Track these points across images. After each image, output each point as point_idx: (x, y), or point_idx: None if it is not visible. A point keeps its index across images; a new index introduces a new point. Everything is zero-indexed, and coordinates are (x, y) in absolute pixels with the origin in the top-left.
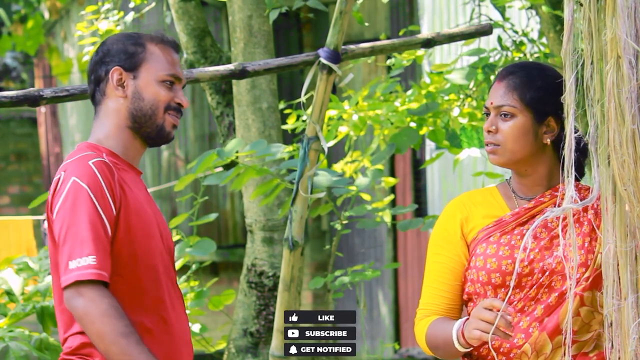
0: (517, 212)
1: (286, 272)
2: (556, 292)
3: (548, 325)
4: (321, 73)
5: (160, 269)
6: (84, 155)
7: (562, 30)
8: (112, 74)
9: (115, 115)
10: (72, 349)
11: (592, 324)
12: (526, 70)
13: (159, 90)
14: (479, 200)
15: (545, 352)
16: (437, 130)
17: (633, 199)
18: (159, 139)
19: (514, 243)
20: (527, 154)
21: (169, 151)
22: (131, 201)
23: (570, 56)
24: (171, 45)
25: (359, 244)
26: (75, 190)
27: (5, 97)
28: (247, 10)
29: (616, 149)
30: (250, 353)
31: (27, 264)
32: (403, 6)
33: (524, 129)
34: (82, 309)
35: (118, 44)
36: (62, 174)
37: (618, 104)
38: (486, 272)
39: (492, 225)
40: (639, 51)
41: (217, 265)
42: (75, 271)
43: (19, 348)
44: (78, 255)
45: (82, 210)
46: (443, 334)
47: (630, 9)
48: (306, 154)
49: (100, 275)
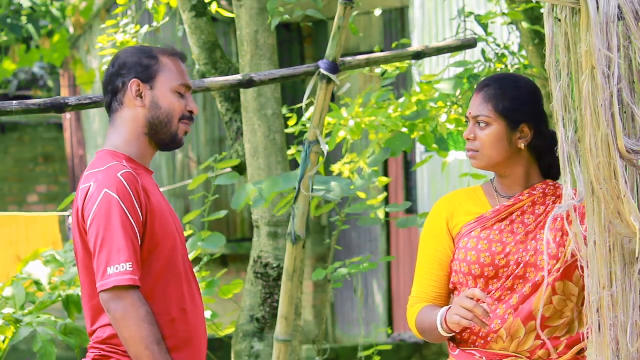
0: (498, 210)
1: (289, 263)
2: (530, 282)
3: (522, 312)
4: (321, 83)
5: (180, 264)
6: (112, 167)
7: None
8: (130, 85)
9: (133, 123)
10: (102, 339)
11: (564, 311)
12: (500, 82)
13: (173, 100)
14: (464, 198)
15: (519, 336)
16: (427, 135)
17: (608, 198)
18: (171, 145)
19: (492, 237)
20: (504, 158)
21: (183, 154)
22: (154, 205)
23: (554, 68)
24: (180, 56)
25: (356, 238)
26: (108, 202)
27: (34, 104)
28: (253, 26)
29: (592, 152)
30: (256, 337)
31: (53, 257)
32: (395, 22)
33: (499, 136)
34: (122, 312)
35: (133, 57)
36: (92, 184)
37: (594, 110)
38: (467, 264)
39: (474, 221)
40: (611, 62)
41: (227, 258)
42: (114, 276)
43: (46, 333)
44: (116, 262)
45: (116, 220)
46: (429, 319)
47: (602, 24)
48: (307, 156)
49: (135, 281)
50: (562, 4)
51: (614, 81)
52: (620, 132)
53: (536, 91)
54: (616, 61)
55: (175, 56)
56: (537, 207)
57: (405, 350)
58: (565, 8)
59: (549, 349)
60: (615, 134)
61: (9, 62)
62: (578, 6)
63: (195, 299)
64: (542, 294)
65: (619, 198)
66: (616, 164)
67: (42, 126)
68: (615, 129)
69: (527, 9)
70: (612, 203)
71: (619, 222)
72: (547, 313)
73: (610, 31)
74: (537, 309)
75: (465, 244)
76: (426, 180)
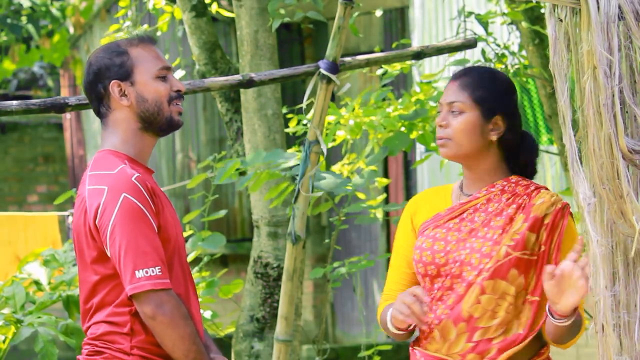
0: (452, 207)
1: (289, 263)
2: (465, 282)
3: (452, 313)
4: (321, 83)
5: (181, 265)
6: (123, 170)
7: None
8: (111, 88)
9: (126, 122)
10: (96, 335)
11: (497, 311)
12: (477, 71)
13: (157, 86)
14: (430, 196)
15: (450, 338)
16: (426, 134)
17: (611, 197)
18: (170, 129)
19: (439, 236)
20: (474, 149)
21: (183, 153)
22: (163, 208)
23: (559, 67)
24: (149, 41)
25: (356, 238)
26: (130, 206)
27: (34, 104)
28: (253, 26)
29: (595, 152)
30: (256, 337)
31: (53, 256)
32: (395, 22)
33: (472, 124)
34: (170, 314)
35: (105, 60)
36: (105, 187)
37: (596, 110)
38: (415, 262)
39: (429, 219)
40: (611, 62)
41: (227, 258)
42: (145, 280)
43: (47, 333)
44: (144, 266)
45: (140, 224)
46: (386, 316)
47: (603, 23)
48: (307, 156)
49: (169, 284)
50: (563, 4)
51: (615, 81)
52: (621, 131)
53: (512, 87)
54: (617, 61)
55: (144, 42)
56: (491, 205)
57: (405, 351)
58: (566, 8)
59: (480, 352)
60: (617, 134)
61: (8, 62)
62: (578, 6)
63: (192, 302)
64: (470, 294)
65: (621, 197)
66: (618, 164)
67: (42, 126)
68: (617, 129)
69: (527, 8)
70: (614, 203)
71: (622, 221)
72: (476, 313)
73: (611, 31)
74: (465, 310)
75: (420, 243)
76: (426, 180)
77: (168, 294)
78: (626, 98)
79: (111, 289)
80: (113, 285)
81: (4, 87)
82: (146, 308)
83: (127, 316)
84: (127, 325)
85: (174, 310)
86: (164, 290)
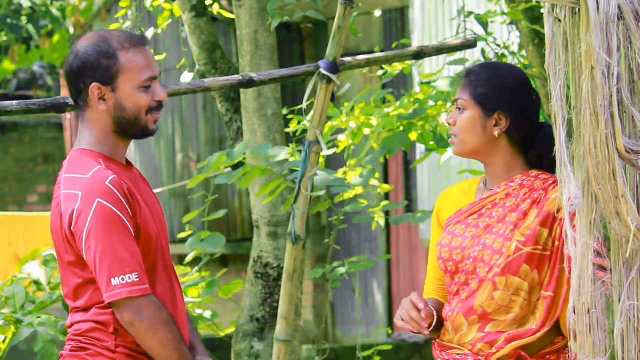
0: (473, 203)
1: (289, 263)
2: (478, 278)
3: (465, 307)
4: (321, 83)
5: (164, 263)
6: (97, 173)
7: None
8: (91, 90)
9: (100, 123)
10: (81, 332)
11: (511, 307)
12: (480, 68)
13: (138, 97)
14: (456, 192)
15: (461, 330)
16: (425, 133)
17: (607, 197)
18: (143, 136)
19: (458, 232)
20: (478, 145)
21: (183, 153)
22: (140, 207)
23: (554, 67)
24: (141, 43)
25: (356, 237)
26: (104, 212)
27: (34, 104)
28: (253, 26)
29: (591, 152)
30: (256, 337)
31: (53, 256)
32: (395, 22)
33: (473, 121)
34: (149, 320)
35: (91, 59)
36: (79, 193)
37: (593, 110)
38: (437, 259)
39: (453, 215)
40: (610, 63)
41: (227, 257)
42: (121, 287)
43: (46, 333)
44: (120, 273)
45: (115, 230)
46: None
47: (602, 24)
48: (307, 156)
49: (147, 289)
50: (562, 4)
51: (614, 81)
52: (619, 132)
53: (520, 81)
54: (616, 61)
55: (136, 46)
56: (509, 200)
57: (405, 350)
58: (565, 8)
59: (489, 342)
60: (614, 134)
61: (8, 62)
62: (578, 6)
63: (178, 301)
64: (483, 290)
65: (617, 198)
66: (615, 164)
67: (42, 126)
68: (614, 129)
69: (527, 8)
70: (610, 203)
71: (618, 222)
72: (489, 309)
73: (610, 31)
74: (478, 305)
75: (441, 239)
76: (426, 180)
77: (147, 300)
78: (624, 98)
79: (93, 291)
80: (94, 288)
81: (4, 87)
82: (124, 315)
83: (110, 316)
84: (111, 325)
85: (153, 317)
86: (143, 297)
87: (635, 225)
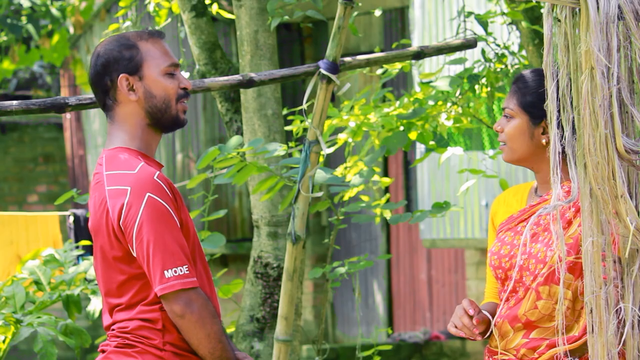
0: (524, 209)
1: (289, 263)
2: (524, 286)
3: (510, 314)
4: (321, 83)
5: (202, 260)
6: (144, 168)
7: (541, 44)
8: (120, 81)
9: (133, 117)
10: (128, 330)
11: (554, 315)
12: (528, 76)
13: (165, 83)
14: (510, 196)
15: (507, 336)
16: (425, 133)
17: (606, 197)
18: (174, 127)
19: (506, 239)
20: (527, 153)
21: (183, 153)
22: (182, 203)
23: (551, 67)
24: (158, 36)
25: (356, 237)
26: (155, 206)
27: (34, 104)
28: (253, 26)
29: (591, 152)
30: (256, 337)
31: (53, 256)
32: (395, 22)
33: (521, 129)
34: (198, 312)
35: (114, 52)
36: (126, 188)
37: (592, 110)
38: (488, 265)
39: (504, 220)
40: (611, 62)
41: (227, 257)
42: (175, 280)
43: (46, 333)
44: (173, 265)
45: (165, 224)
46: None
47: (602, 24)
48: (307, 156)
49: (196, 282)
50: (562, 4)
51: (614, 81)
52: (619, 132)
53: None
54: (615, 61)
55: (154, 37)
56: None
57: (405, 350)
58: (565, 8)
59: (532, 347)
60: (614, 134)
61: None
62: (578, 6)
63: (213, 292)
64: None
65: (616, 198)
66: (614, 164)
67: (42, 126)
68: (613, 129)
69: (526, 8)
70: (610, 203)
71: (617, 221)
72: (533, 317)
73: (610, 31)
74: (522, 313)
75: (492, 247)
76: (426, 180)
77: (196, 293)
78: (624, 98)
79: (139, 288)
80: (141, 284)
81: (4, 87)
82: (175, 307)
83: (158, 313)
84: (159, 322)
85: (202, 308)
86: (193, 289)
87: (635, 225)
